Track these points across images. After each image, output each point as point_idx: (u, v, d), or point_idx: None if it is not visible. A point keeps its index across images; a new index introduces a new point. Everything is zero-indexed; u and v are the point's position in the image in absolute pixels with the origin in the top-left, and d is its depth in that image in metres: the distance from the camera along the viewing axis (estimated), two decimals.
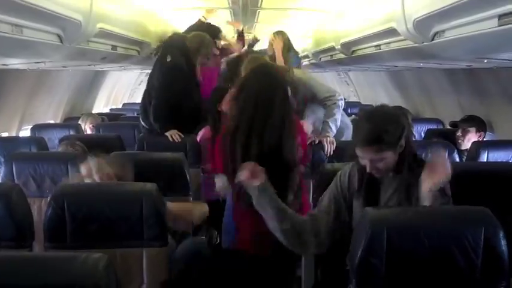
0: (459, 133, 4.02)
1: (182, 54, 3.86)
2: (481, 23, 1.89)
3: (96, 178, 2.54)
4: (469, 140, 3.91)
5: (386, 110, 2.15)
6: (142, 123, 4.06)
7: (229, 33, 6.59)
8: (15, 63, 3.16)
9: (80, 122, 5.06)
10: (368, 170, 2.08)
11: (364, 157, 2.07)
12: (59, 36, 2.48)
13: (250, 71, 2.70)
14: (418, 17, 2.26)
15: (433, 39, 2.37)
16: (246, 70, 3.05)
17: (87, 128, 5.01)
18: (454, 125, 4.19)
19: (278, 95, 2.46)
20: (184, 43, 3.95)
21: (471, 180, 2.55)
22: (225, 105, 3.77)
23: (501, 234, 1.73)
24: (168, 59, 3.85)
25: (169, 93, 3.81)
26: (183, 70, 3.83)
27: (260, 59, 3.41)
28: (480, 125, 4.02)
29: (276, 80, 2.52)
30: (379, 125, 2.02)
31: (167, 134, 3.77)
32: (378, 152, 2.02)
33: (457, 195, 2.43)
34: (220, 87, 3.98)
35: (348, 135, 3.52)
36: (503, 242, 1.73)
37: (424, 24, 2.29)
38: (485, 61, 2.78)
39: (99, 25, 2.75)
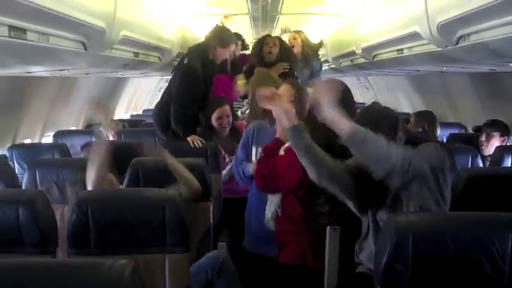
0: (483, 138, 3.95)
1: (200, 58, 3.87)
2: (507, 27, 1.87)
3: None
4: (493, 145, 3.84)
5: (378, 108, 2.23)
6: (157, 127, 4.05)
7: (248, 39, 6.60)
8: (39, 70, 3.20)
9: (101, 129, 5.10)
10: None
11: None
12: (83, 43, 2.51)
13: None
14: (442, 21, 2.24)
15: (457, 43, 2.35)
16: None
17: (109, 135, 5.04)
18: (478, 129, 4.13)
19: None
20: (204, 49, 3.96)
21: (495, 186, 2.52)
22: (216, 121, 3.76)
23: None
24: (185, 61, 3.89)
25: (186, 96, 3.82)
26: (197, 73, 3.83)
27: None
28: (504, 129, 3.95)
29: None
30: (367, 119, 2.12)
31: (188, 139, 3.77)
32: None
33: (481, 200, 2.41)
34: (214, 100, 3.94)
35: None
36: None
37: (448, 28, 2.26)
38: (511, 65, 2.74)
39: (122, 32, 2.77)
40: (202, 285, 2.57)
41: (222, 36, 3.97)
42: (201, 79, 3.85)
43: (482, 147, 3.93)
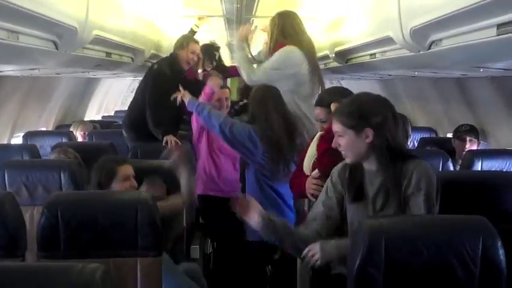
0: (467, 145, 3.96)
1: (168, 63, 4.07)
2: (479, 32, 1.89)
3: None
4: None
5: (370, 96, 2.15)
6: (127, 134, 4.14)
7: (222, 41, 6.58)
8: (9, 69, 3.14)
9: (71, 129, 5.03)
10: (333, 144, 2.09)
11: (333, 130, 2.09)
12: (54, 43, 2.46)
13: None
14: (415, 26, 2.26)
15: (429, 48, 2.37)
16: None
17: (79, 135, 4.98)
18: (458, 135, 4.10)
19: None
20: (171, 58, 4.15)
21: (466, 189, 2.56)
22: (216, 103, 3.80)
23: (499, 243, 1.73)
24: (155, 67, 4.08)
25: (160, 98, 3.88)
26: (166, 75, 3.97)
27: None
28: (478, 135, 4.02)
29: None
30: (349, 100, 2.08)
31: (165, 139, 3.77)
32: (338, 124, 2.03)
33: (452, 204, 2.43)
34: None
35: None
36: (501, 252, 1.72)
37: (420, 32, 2.28)
38: (481, 70, 2.78)
39: (95, 32, 2.73)
40: None
41: (179, 40, 4.20)
42: (169, 80, 3.94)
43: (463, 152, 3.86)
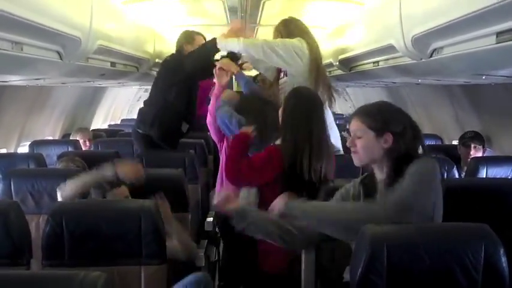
0: (472, 151, 3.97)
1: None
2: (479, 40, 1.90)
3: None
4: None
5: (392, 105, 2.10)
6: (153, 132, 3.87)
7: None
8: (14, 79, 3.17)
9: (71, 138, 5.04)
10: (348, 143, 2.04)
11: (351, 130, 2.04)
12: (58, 53, 2.48)
13: None
14: (416, 34, 2.27)
15: (431, 56, 2.38)
16: None
17: (83, 144, 4.98)
18: (464, 142, 4.09)
19: None
20: (176, 54, 3.95)
21: (470, 197, 2.55)
22: None
23: (501, 251, 1.72)
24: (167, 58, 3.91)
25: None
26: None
27: None
28: (483, 141, 4.01)
29: None
30: (372, 104, 2.05)
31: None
32: (359, 123, 1.99)
33: (456, 211, 2.43)
34: None
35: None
36: (503, 259, 1.71)
37: (422, 41, 2.29)
38: (484, 77, 2.78)
39: (99, 42, 2.75)
40: None
41: (182, 36, 3.97)
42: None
43: (468, 159, 3.87)
